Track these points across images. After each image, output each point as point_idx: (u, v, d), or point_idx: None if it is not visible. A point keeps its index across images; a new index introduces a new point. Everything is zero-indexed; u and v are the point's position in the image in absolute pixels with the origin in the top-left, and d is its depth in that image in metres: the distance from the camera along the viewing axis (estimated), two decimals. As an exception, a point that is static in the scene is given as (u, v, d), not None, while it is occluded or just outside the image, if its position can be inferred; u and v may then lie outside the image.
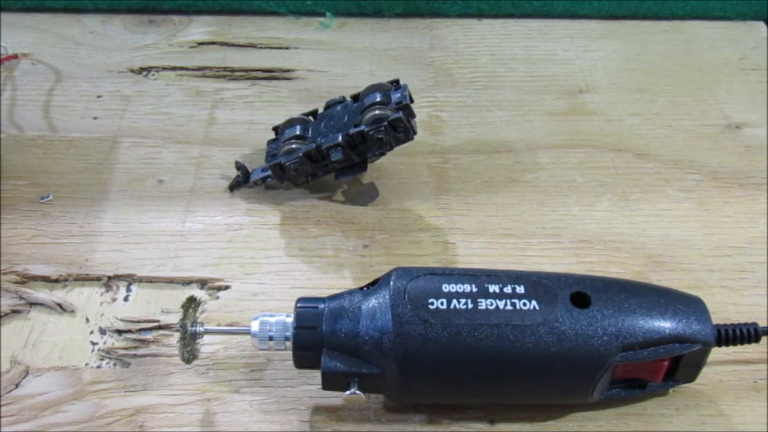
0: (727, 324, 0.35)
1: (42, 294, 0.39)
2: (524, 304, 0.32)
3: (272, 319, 0.34)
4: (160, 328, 0.38)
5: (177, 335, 0.37)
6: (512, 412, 0.35)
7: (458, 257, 0.42)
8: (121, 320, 0.38)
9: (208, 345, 0.37)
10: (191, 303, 0.39)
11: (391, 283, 0.33)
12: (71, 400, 0.35)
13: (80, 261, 0.41)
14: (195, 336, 0.35)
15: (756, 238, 0.43)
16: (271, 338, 0.33)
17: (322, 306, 0.33)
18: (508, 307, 0.32)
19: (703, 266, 0.41)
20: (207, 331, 0.35)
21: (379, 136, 0.42)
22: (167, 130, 0.49)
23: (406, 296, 0.32)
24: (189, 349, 0.37)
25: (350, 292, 0.34)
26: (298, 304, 0.34)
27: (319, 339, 0.33)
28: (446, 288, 0.33)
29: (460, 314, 0.32)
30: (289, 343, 0.33)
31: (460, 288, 0.33)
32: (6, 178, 0.45)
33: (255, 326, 0.34)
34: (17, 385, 0.36)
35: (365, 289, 0.34)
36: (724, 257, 0.42)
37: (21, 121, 0.50)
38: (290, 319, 0.33)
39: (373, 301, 0.33)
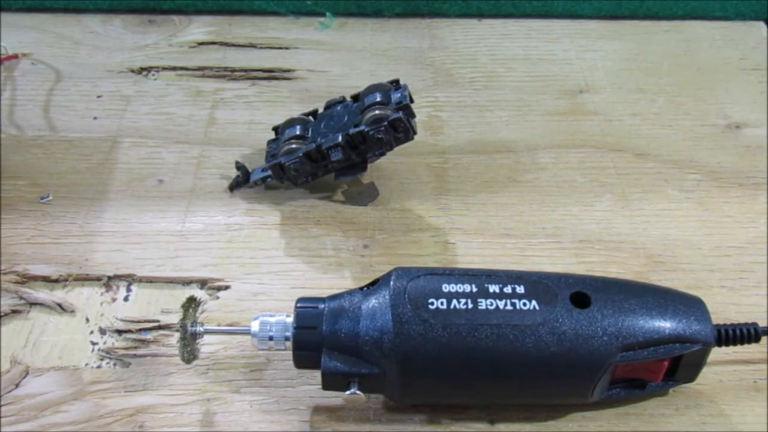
0: (727, 324, 0.35)
1: (42, 294, 0.39)
2: (524, 304, 0.32)
3: (272, 319, 0.34)
4: (160, 328, 0.38)
5: (177, 335, 0.37)
6: (512, 412, 0.35)
7: (458, 257, 0.42)
8: (121, 320, 0.38)
9: (208, 345, 0.37)
10: (191, 303, 0.39)
11: (391, 283, 0.33)
12: (71, 400, 0.35)
13: (80, 261, 0.41)
14: (195, 336, 0.35)
15: (756, 238, 0.43)
16: (271, 338, 0.33)
17: (322, 306, 0.33)
18: (508, 307, 0.32)
19: (703, 266, 0.41)
20: (207, 331, 0.35)
21: (379, 136, 0.42)
22: (167, 130, 0.49)
23: (406, 296, 0.32)
24: (189, 349, 0.37)
25: (350, 292, 0.34)
26: (298, 304, 0.34)
27: (319, 339, 0.33)
28: (446, 288, 0.33)
29: (460, 314, 0.32)
30: (289, 343, 0.33)
31: (460, 288, 0.33)
32: (6, 178, 0.45)
33: (255, 326, 0.34)
34: (17, 385, 0.36)
35: (365, 289, 0.34)
36: (724, 257, 0.42)
37: (21, 121, 0.50)
38: (290, 319, 0.33)
39: (373, 301, 0.33)
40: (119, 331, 0.38)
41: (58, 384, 0.36)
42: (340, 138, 0.42)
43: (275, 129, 0.47)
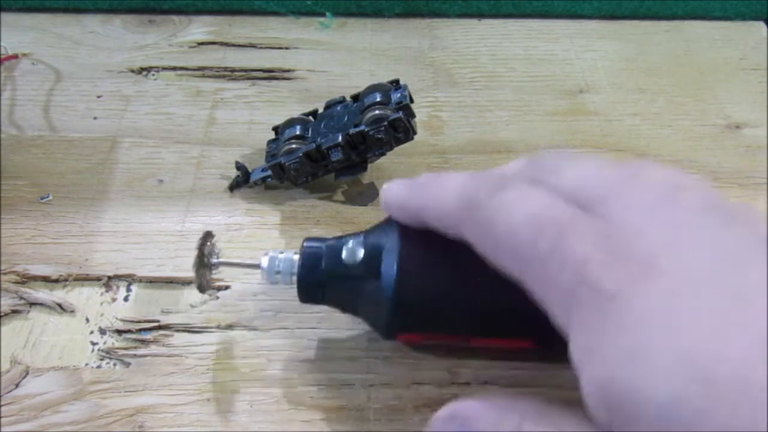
0: (727, 324, 0.35)
1: (42, 294, 0.39)
2: None
3: (281, 256, 0.35)
4: (160, 328, 0.38)
5: (193, 261, 0.36)
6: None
7: (458, 257, 0.42)
8: (121, 320, 0.38)
9: (207, 345, 0.37)
10: (208, 238, 0.37)
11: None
12: (71, 400, 0.35)
13: (80, 261, 0.41)
14: (210, 267, 0.35)
15: (756, 238, 0.43)
16: (278, 272, 0.35)
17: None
18: None
19: (703, 266, 0.41)
20: (221, 263, 0.36)
21: (379, 136, 0.42)
22: (167, 130, 0.49)
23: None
24: (204, 279, 0.36)
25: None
26: (305, 243, 0.34)
27: (322, 254, 0.34)
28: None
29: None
30: (294, 278, 0.34)
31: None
32: (6, 178, 0.45)
33: (264, 261, 0.35)
34: (17, 385, 0.36)
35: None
36: (724, 257, 0.42)
37: (21, 121, 0.50)
38: (297, 257, 0.34)
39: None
40: (119, 331, 0.38)
41: (58, 384, 0.36)
42: (340, 138, 0.42)
43: (275, 129, 0.47)
